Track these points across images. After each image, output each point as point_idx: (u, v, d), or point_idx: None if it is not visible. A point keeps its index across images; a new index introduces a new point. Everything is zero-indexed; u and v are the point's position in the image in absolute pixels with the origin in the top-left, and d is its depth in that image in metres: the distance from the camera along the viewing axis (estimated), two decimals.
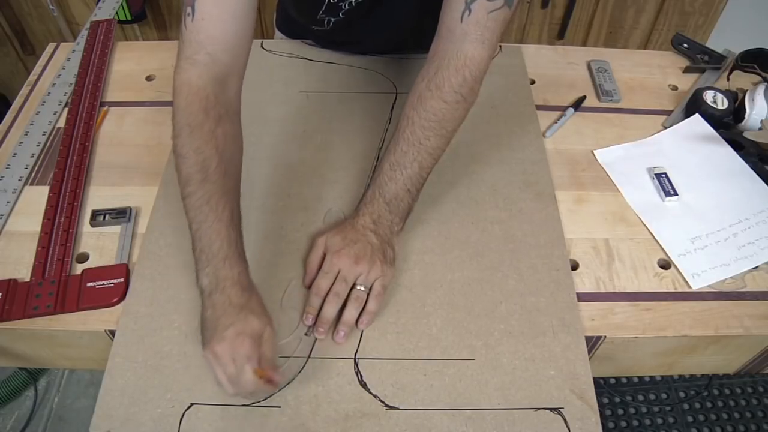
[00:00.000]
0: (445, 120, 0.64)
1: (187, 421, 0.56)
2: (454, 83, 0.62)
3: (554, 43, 1.61)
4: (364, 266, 0.62)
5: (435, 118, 0.63)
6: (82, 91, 0.86)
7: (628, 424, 1.35)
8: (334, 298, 0.61)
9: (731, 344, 0.66)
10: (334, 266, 0.62)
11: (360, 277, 0.62)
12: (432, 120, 0.63)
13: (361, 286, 0.62)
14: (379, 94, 0.88)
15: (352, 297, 0.62)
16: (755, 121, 0.81)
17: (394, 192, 0.64)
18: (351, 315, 0.61)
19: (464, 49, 0.62)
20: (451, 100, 0.63)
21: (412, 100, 0.65)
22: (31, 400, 1.35)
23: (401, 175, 0.64)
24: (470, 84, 0.63)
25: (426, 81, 0.64)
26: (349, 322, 0.61)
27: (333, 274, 0.62)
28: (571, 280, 0.66)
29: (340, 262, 0.62)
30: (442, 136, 0.64)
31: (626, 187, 0.77)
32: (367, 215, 0.65)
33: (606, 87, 0.89)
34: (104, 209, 0.72)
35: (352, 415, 0.56)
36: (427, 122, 0.63)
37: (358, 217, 0.65)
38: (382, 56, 0.93)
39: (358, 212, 0.66)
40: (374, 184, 0.66)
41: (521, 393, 0.58)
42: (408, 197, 0.65)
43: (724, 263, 0.68)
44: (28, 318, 0.62)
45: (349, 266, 0.62)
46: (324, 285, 0.62)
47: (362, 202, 0.66)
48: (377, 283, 0.62)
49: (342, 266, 0.62)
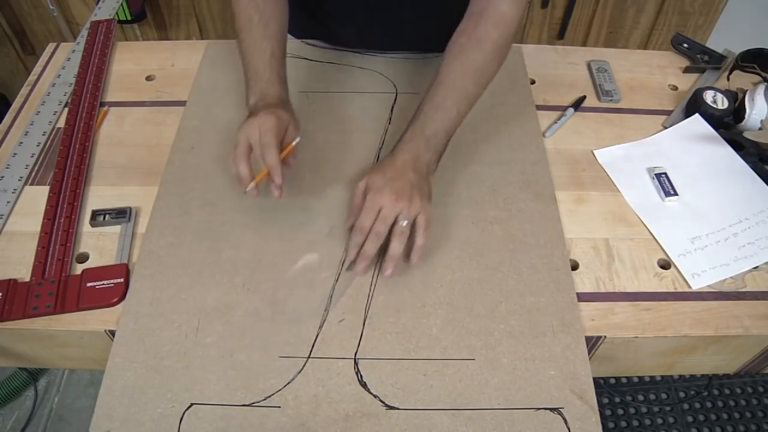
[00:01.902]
0: (484, 70, 0.71)
1: (187, 421, 0.56)
2: (493, 36, 0.70)
3: (554, 43, 1.61)
4: (404, 203, 0.64)
5: (475, 67, 0.70)
6: (82, 91, 0.86)
7: (628, 424, 1.35)
8: (374, 236, 0.64)
9: (731, 344, 0.66)
10: (375, 204, 0.64)
11: (401, 213, 0.64)
12: (472, 69, 0.70)
13: (404, 222, 0.64)
14: (379, 94, 0.88)
15: (396, 232, 0.64)
16: (755, 121, 0.81)
17: (433, 131, 0.68)
18: (396, 249, 0.64)
19: (501, 6, 0.69)
20: (489, 51, 0.70)
21: (452, 51, 0.71)
22: (31, 400, 1.35)
23: (441, 117, 0.68)
24: (506, 38, 0.70)
25: (466, 35, 0.70)
26: (395, 255, 0.64)
27: (375, 211, 0.64)
28: (571, 280, 0.66)
29: (382, 199, 0.64)
30: (480, 85, 0.71)
31: (626, 187, 0.77)
32: (406, 153, 0.67)
33: (606, 87, 0.89)
34: (104, 209, 0.72)
35: (352, 415, 0.56)
36: (467, 71, 0.69)
37: (397, 155, 0.67)
38: (383, 56, 0.93)
39: (396, 151, 0.68)
40: (413, 125, 0.69)
41: (521, 393, 0.58)
42: (445, 138, 0.70)
43: (724, 263, 0.68)
44: (28, 318, 0.62)
45: (390, 203, 0.64)
46: (366, 223, 0.64)
47: (401, 141, 0.69)
48: (420, 218, 0.65)
49: (383, 203, 0.64)
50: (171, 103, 0.86)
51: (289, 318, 0.63)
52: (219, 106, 0.85)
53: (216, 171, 0.77)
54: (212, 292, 0.65)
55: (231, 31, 1.57)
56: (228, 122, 0.83)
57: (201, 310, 0.63)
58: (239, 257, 0.68)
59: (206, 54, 0.94)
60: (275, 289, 0.65)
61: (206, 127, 0.82)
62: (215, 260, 0.67)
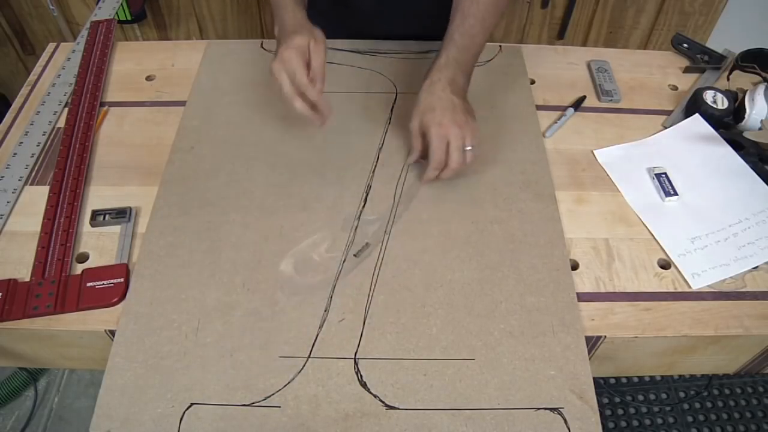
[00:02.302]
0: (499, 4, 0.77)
1: (187, 421, 0.56)
2: None
3: (554, 43, 1.61)
4: (466, 128, 0.71)
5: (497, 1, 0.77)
6: (82, 91, 0.87)
7: (628, 424, 1.35)
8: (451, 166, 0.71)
9: (731, 344, 0.66)
10: (442, 138, 0.70)
11: (466, 138, 0.71)
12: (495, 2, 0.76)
13: (468, 146, 0.71)
14: (379, 94, 0.88)
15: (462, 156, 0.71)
16: (755, 121, 0.81)
17: (465, 57, 0.75)
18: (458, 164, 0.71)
19: None
20: None
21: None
22: (31, 400, 1.35)
23: (471, 43, 0.75)
24: None
25: None
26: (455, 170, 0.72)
27: (445, 143, 0.70)
28: (571, 280, 0.66)
29: (446, 131, 0.70)
30: (498, 16, 0.78)
31: (626, 187, 0.77)
32: (443, 80, 0.73)
33: (606, 87, 0.89)
34: (104, 209, 0.72)
35: (352, 415, 0.56)
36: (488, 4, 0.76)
37: (435, 84, 0.72)
38: (383, 56, 0.93)
39: (432, 79, 0.73)
40: (445, 52, 0.75)
41: (521, 393, 0.58)
42: (473, 62, 0.77)
43: (724, 263, 0.68)
44: (28, 318, 0.62)
45: (456, 133, 0.70)
46: (442, 156, 0.71)
47: (434, 69, 0.74)
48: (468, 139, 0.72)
49: (449, 134, 0.70)
50: (171, 103, 0.86)
51: (289, 318, 0.63)
52: (219, 106, 0.85)
53: (216, 171, 0.77)
54: (212, 292, 0.65)
55: (231, 31, 1.58)
56: (228, 122, 0.83)
57: (201, 310, 0.63)
58: (239, 257, 0.68)
59: (206, 54, 0.94)
60: (275, 289, 0.65)
61: (206, 127, 0.82)
62: (215, 260, 0.67)
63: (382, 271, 0.67)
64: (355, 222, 0.71)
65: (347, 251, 0.68)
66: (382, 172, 0.77)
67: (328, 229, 0.71)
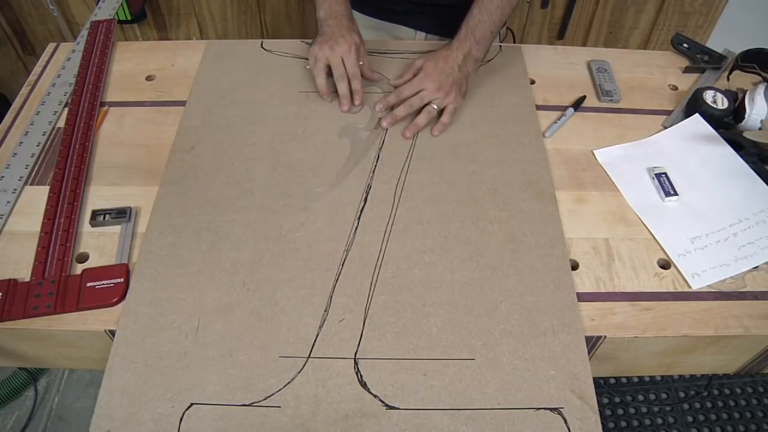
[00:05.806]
0: None
1: (187, 421, 0.56)
2: None
3: (554, 43, 1.61)
4: (442, 93, 0.80)
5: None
6: (82, 91, 0.87)
7: (628, 424, 1.35)
8: (407, 105, 0.80)
9: (731, 344, 0.66)
10: (420, 84, 0.80)
11: (436, 100, 0.80)
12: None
13: (435, 105, 0.80)
14: (379, 94, 0.88)
15: (425, 110, 0.80)
16: (755, 121, 0.81)
17: (482, 32, 0.82)
18: (422, 120, 0.80)
19: None
20: None
21: None
22: (31, 400, 1.35)
23: (488, 18, 0.82)
24: None
25: None
26: (419, 125, 0.80)
27: (416, 89, 0.80)
28: (571, 280, 0.66)
29: (426, 83, 0.80)
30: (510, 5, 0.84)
31: (626, 187, 0.77)
32: (460, 51, 0.82)
33: (606, 87, 0.89)
34: (104, 209, 0.72)
35: (352, 415, 0.56)
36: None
37: (452, 51, 0.82)
38: (383, 56, 0.93)
39: (452, 47, 0.82)
40: (466, 26, 0.82)
41: (521, 393, 0.58)
42: (491, 38, 0.84)
43: (724, 263, 0.68)
44: (28, 318, 0.62)
45: (431, 90, 0.80)
46: (406, 93, 0.81)
47: (456, 39, 0.83)
48: (450, 106, 0.81)
49: (425, 87, 0.80)
50: (171, 103, 0.86)
51: (289, 318, 0.63)
52: (219, 106, 0.85)
53: (216, 171, 0.77)
54: (212, 292, 0.65)
55: (231, 31, 1.58)
56: (228, 122, 0.83)
57: (201, 310, 0.63)
58: (239, 257, 0.68)
59: (206, 54, 0.94)
60: (275, 289, 0.65)
61: (206, 127, 0.82)
62: (215, 260, 0.67)
63: (382, 271, 0.67)
64: (355, 222, 0.71)
65: (347, 251, 0.68)
66: (382, 172, 0.77)
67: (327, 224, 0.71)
